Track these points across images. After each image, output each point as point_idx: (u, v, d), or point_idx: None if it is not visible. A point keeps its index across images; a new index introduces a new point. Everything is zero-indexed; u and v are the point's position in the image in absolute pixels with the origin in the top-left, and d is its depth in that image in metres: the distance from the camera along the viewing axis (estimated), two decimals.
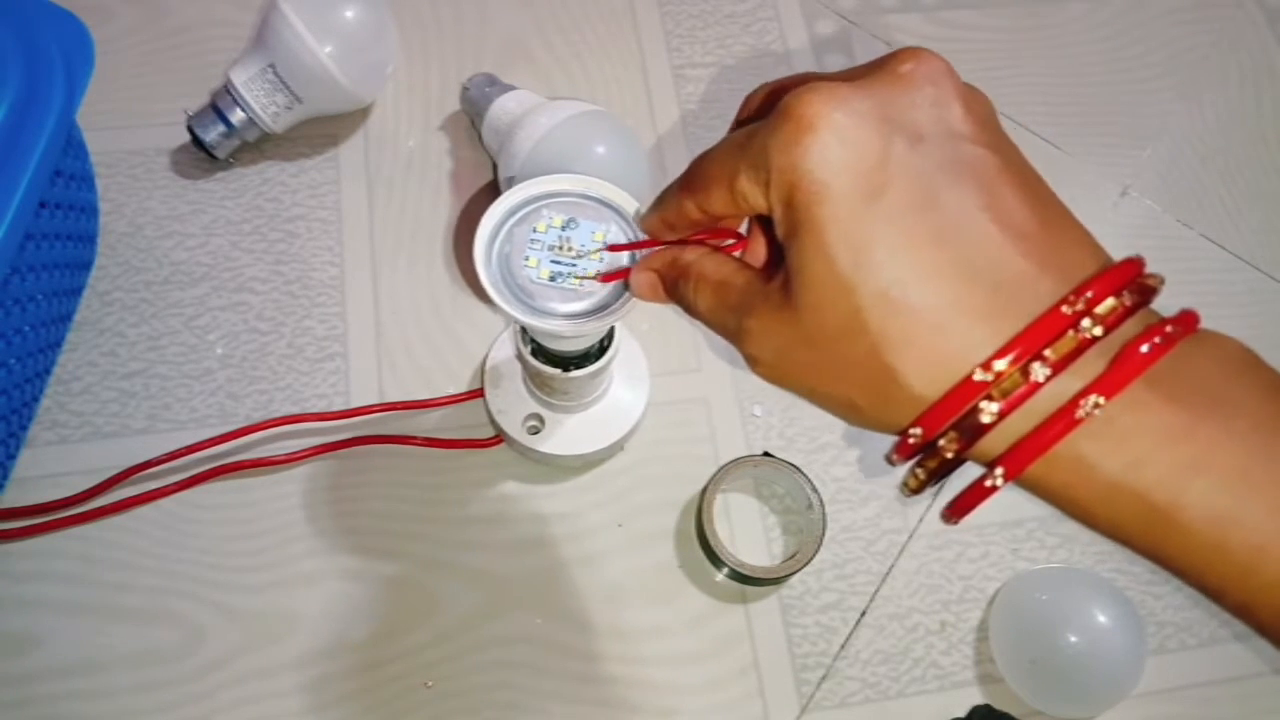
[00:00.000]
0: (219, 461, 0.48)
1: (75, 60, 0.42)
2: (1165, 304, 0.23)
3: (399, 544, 0.48)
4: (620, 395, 0.49)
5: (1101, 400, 0.21)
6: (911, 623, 0.49)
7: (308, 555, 0.47)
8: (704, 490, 0.48)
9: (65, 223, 0.47)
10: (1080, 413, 0.21)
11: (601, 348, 0.43)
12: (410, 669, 0.46)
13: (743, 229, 0.30)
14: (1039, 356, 0.21)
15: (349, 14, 0.51)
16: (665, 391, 0.52)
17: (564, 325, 0.33)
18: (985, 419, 0.21)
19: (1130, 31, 0.66)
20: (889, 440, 0.24)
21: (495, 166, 0.54)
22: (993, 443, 0.22)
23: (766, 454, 0.50)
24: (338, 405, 0.50)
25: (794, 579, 0.49)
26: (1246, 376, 0.22)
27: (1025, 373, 0.21)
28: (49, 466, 0.48)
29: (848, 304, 0.22)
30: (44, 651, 0.45)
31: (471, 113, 0.56)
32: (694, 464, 0.50)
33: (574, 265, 0.34)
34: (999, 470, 0.22)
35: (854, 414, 0.24)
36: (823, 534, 0.47)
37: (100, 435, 0.49)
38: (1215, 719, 0.48)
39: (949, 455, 0.22)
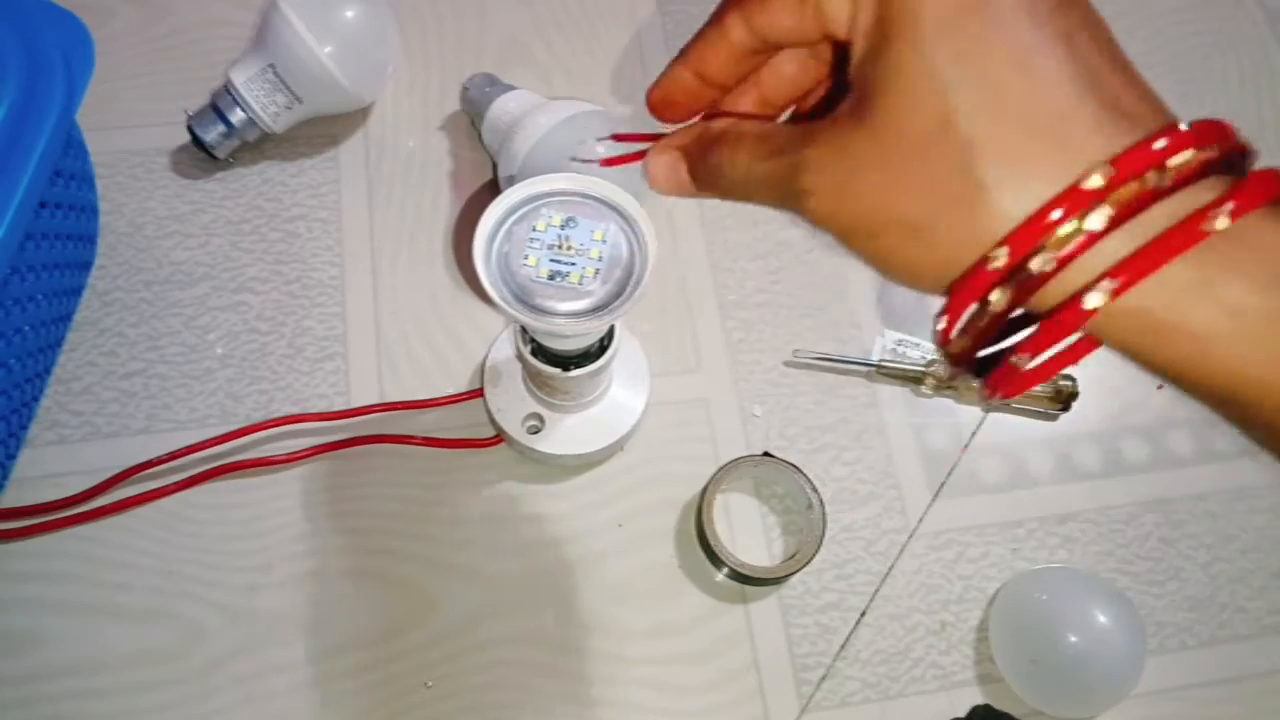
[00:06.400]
0: (219, 461, 0.48)
1: (75, 60, 0.42)
2: None
3: (399, 544, 0.48)
4: (620, 395, 0.49)
5: (1233, 206, 0.18)
6: (911, 623, 0.49)
7: (308, 555, 0.47)
8: (704, 490, 0.48)
9: (65, 223, 0.47)
10: (1206, 226, 0.18)
11: (601, 347, 0.43)
12: (410, 669, 0.46)
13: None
14: (1161, 167, 0.19)
15: (349, 14, 0.51)
16: (665, 391, 0.52)
17: (563, 324, 0.33)
18: (1097, 225, 0.19)
19: (1130, 31, 0.66)
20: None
21: (495, 166, 0.54)
22: (1085, 268, 0.19)
23: (766, 454, 0.50)
24: (338, 405, 0.51)
25: (794, 579, 0.49)
26: None
27: (1143, 184, 0.19)
28: (49, 466, 0.48)
29: (939, 107, 0.20)
30: (44, 651, 0.45)
31: (471, 113, 0.56)
32: (694, 464, 0.50)
33: (573, 264, 0.34)
34: (1106, 284, 0.19)
35: (914, 243, 0.22)
36: (823, 534, 0.47)
37: (100, 435, 0.49)
38: (1215, 719, 0.48)
39: (1003, 308, 0.20)
